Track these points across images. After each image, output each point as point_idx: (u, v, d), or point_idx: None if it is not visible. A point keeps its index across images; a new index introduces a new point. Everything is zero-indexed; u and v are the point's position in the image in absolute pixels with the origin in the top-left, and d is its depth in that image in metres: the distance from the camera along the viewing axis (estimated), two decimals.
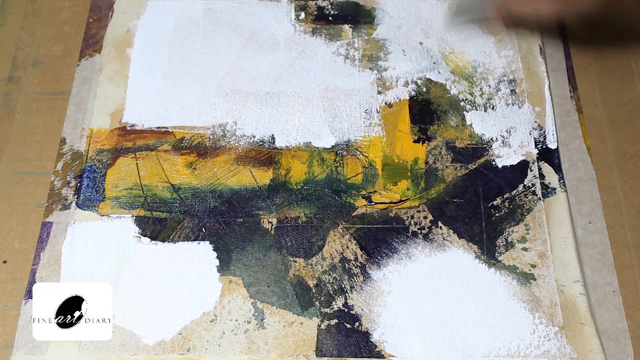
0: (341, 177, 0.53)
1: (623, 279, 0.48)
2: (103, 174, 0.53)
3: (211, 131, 0.55)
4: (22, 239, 0.51)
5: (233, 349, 0.46)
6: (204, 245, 0.50)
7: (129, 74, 0.58)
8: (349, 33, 0.60)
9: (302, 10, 0.62)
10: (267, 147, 0.54)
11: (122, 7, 0.62)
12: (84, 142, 0.55)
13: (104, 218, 0.51)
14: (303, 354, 0.46)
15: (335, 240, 0.50)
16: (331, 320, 0.47)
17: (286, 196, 0.52)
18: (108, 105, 0.56)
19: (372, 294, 0.48)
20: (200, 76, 0.58)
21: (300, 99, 0.57)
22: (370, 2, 0.62)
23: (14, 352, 0.46)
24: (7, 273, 0.49)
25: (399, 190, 0.52)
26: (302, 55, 0.59)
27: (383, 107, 0.56)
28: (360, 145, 0.54)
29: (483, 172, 0.53)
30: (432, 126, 0.55)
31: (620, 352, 0.46)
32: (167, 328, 0.47)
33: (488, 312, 0.47)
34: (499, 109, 0.56)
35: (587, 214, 0.51)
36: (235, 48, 0.59)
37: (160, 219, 0.51)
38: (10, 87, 0.58)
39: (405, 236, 0.50)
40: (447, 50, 0.59)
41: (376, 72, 0.58)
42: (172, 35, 0.60)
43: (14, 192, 0.53)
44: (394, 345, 0.46)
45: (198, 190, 0.52)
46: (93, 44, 0.60)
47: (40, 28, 0.61)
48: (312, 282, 0.48)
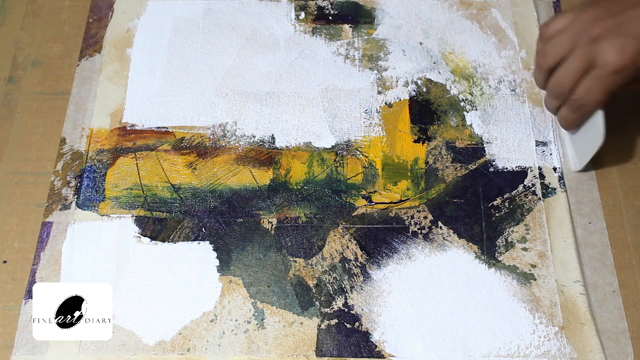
0: (341, 177, 0.53)
1: (623, 279, 0.48)
2: (103, 174, 0.53)
3: (211, 131, 0.55)
4: (22, 239, 0.51)
5: (233, 349, 0.46)
6: (204, 245, 0.50)
7: (129, 74, 0.58)
8: (349, 33, 0.60)
9: (302, 10, 0.62)
10: (267, 147, 0.54)
11: (122, 7, 0.62)
12: (84, 142, 0.55)
13: (104, 218, 0.51)
14: (303, 354, 0.46)
15: (335, 240, 0.50)
16: (331, 320, 0.47)
17: (286, 196, 0.52)
18: (108, 105, 0.56)
19: (372, 294, 0.48)
20: (200, 76, 0.58)
21: (300, 99, 0.57)
22: (370, 2, 0.62)
23: (14, 352, 0.46)
24: (7, 273, 0.49)
25: (399, 190, 0.52)
26: (302, 55, 0.59)
27: (383, 107, 0.56)
28: (360, 145, 0.54)
29: (483, 172, 0.53)
30: (432, 126, 0.55)
31: (620, 352, 0.46)
32: (167, 328, 0.47)
33: (488, 312, 0.47)
34: (499, 109, 0.56)
35: (587, 214, 0.51)
36: (235, 48, 0.59)
37: (160, 219, 0.51)
38: (10, 87, 0.58)
39: (405, 236, 0.50)
40: (447, 50, 0.59)
41: (376, 72, 0.58)
42: (172, 35, 0.60)
43: (14, 192, 0.53)
44: (394, 345, 0.46)
45: (198, 190, 0.52)
46: (93, 44, 0.60)
47: (40, 28, 0.61)
48: (312, 282, 0.48)
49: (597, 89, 0.45)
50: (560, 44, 0.47)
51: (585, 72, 0.45)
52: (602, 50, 0.44)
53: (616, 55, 0.43)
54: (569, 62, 0.46)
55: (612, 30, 0.44)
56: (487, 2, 0.62)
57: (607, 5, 0.45)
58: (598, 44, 0.44)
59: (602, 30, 0.44)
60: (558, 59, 0.47)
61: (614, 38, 0.44)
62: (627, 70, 0.44)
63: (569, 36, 0.46)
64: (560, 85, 0.48)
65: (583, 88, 0.46)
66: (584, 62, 0.45)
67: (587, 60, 0.45)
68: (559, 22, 0.48)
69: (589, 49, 0.45)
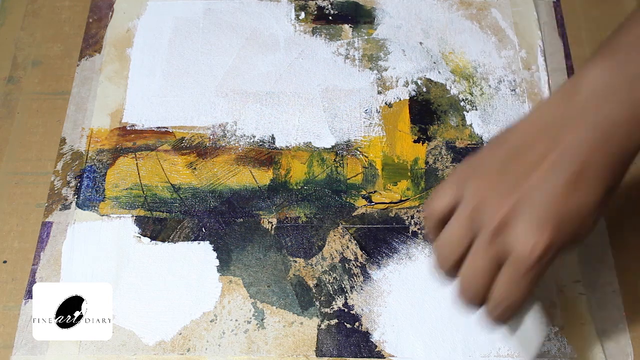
0: (341, 177, 0.53)
1: (623, 279, 0.48)
2: (103, 174, 0.53)
3: (211, 131, 0.55)
4: (22, 239, 0.51)
5: (233, 349, 0.46)
6: (204, 245, 0.50)
7: (129, 74, 0.58)
8: (349, 33, 0.60)
9: (302, 10, 0.62)
10: (267, 147, 0.54)
11: (122, 7, 0.62)
12: (84, 142, 0.55)
13: (104, 218, 0.51)
14: (303, 354, 0.46)
15: (335, 240, 0.50)
16: (331, 320, 0.47)
17: (286, 196, 0.52)
18: (108, 105, 0.56)
19: (372, 294, 0.48)
20: (200, 76, 0.58)
21: (300, 99, 0.57)
22: (370, 2, 0.62)
23: (14, 352, 0.46)
24: (7, 273, 0.49)
25: (399, 190, 0.52)
26: (302, 55, 0.59)
27: (383, 107, 0.56)
28: (360, 145, 0.54)
29: None
30: (432, 126, 0.55)
31: (620, 352, 0.46)
32: (167, 328, 0.47)
33: None
34: (499, 109, 0.56)
35: None
36: (235, 48, 0.59)
37: (160, 219, 0.51)
38: (10, 87, 0.58)
39: (406, 236, 0.50)
40: (447, 50, 0.59)
41: (376, 72, 0.58)
42: (172, 35, 0.60)
43: (14, 192, 0.53)
44: (394, 345, 0.46)
45: (198, 190, 0.52)
46: (93, 44, 0.60)
47: (40, 28, 0.61)
48: (312, 282, 0.48)
49: (519, 288, 0.34)
50: (455, 236, 0.36)
51: (495, 268, 0.35)
52: (512, 243, 0.34)
53: (535, 240, 0.33)
54: (472, 261, 0.35)
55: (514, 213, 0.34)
56: (487, 2, 0.62)
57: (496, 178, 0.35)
58: (504, 235, 0.34)
59: (504, 217, 0.34)
60: (458, 254, 0.36)
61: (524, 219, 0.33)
62: (552, 250, 0.33)
63: (462, 224, 0.36)
64: (468, 291, 0.36)
65: (501, 290, 0.35)
66: (489, 259, 0.35)
67: (493, 256, 0.34)
68: (443, 198, 0.37)
69: (492, 242, 0.34)
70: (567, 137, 0.34)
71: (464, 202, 0.36)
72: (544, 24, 0.60)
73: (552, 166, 0.34)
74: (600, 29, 0.60)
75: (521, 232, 0.33)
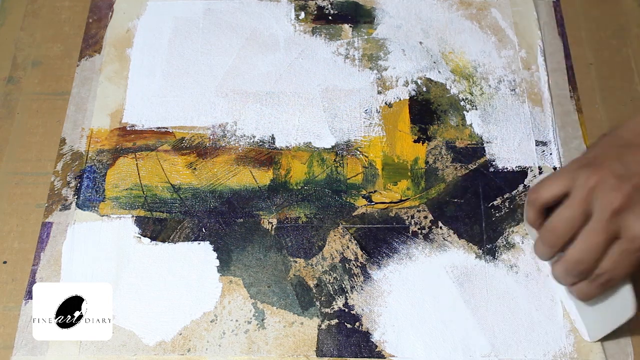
0: (341, 177, 0.53)
1: None
2: (103, 174, 0.53)
3: (211, 131, 0.55)
4: (22, 239, 0.51)
5: (233, 349, 0.46)
6: (204, 245, 0.50)
7: (128, 74, 0.58)
8: (348, 33, 0.60)
9: (302, 10, 0.62)
10: (267, 147, 0.54)
11: (122, 7, 0.62)
12: (84, 143, 0.55)
13: (104, 218, 0.51)
14: (303, 354, 0.46)
15: (336, 240, 0.50)
16: (331, 320, 0.47)
17: (286, 196, 0.52)
18: (108, 105, 0.56)
19: (372, 294, 0.48)
20: (200, 76, 0.58)
21: (300, 99, 0.57)
22: (370, 2, 0.62)
23: (14, 352, 0.46)
24: (7, 273, 0.49)
25: (399, 190, 0.52)
26: (302, 55, 0.59)
27: (383, 107, 0.56)
28: (360, 145, 0.54)
29: (483, 172, 0.53)
30: (432, 126, 0.55)
31: (620, 352, 0.46)
32: (167, 328, 0.47)
33: (488, 312, 0.47)
34: (499, 109, 0.56)
35: None
36: (235, 48, 0.59)
37: (160, 219, 0.51)
38: (10, 87, 0.58)
39: (406, 236, 0.50)
40: (447, 50, 0.59)
41: (376, 71, 0.58)
42: (172, 35, 0.60)
43: (14, 192, 0.53)
44: (394, 345, 0.46)
45: (198, 190, 0.52)
46: (93, 44, 0.60)
47: (40, 28, 0.61)
48: (312, 282, 0.48)
49: (626, 263, 0.40)
50: (569, 218, 0.41)
51: (608, 245, 0.40)
52: (629, 224, 0.39)
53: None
54: (588, 237, 0.40)
55: (631, 197, 0.39)
56: (487, 2, 0.62)
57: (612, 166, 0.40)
58: (621, 216, 0.39)
59: (623, 199, 0.39)
60: (570, 234, 0.41)
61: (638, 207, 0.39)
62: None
63: (577, 207, 0.41)
64: (581, 264, 0.41)
65: (609, 262, 0.40)
66: (606, 236, 0.40)
67: (609, 234, 0.40)
68: (554, 187, 0.42)
69: (610, 221, 0.39)
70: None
71: (578, 188, 0.40)
72: (543, 24, 0.60)
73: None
74: (600, 29, 0.60)
75: (637, 215, 0.39)
